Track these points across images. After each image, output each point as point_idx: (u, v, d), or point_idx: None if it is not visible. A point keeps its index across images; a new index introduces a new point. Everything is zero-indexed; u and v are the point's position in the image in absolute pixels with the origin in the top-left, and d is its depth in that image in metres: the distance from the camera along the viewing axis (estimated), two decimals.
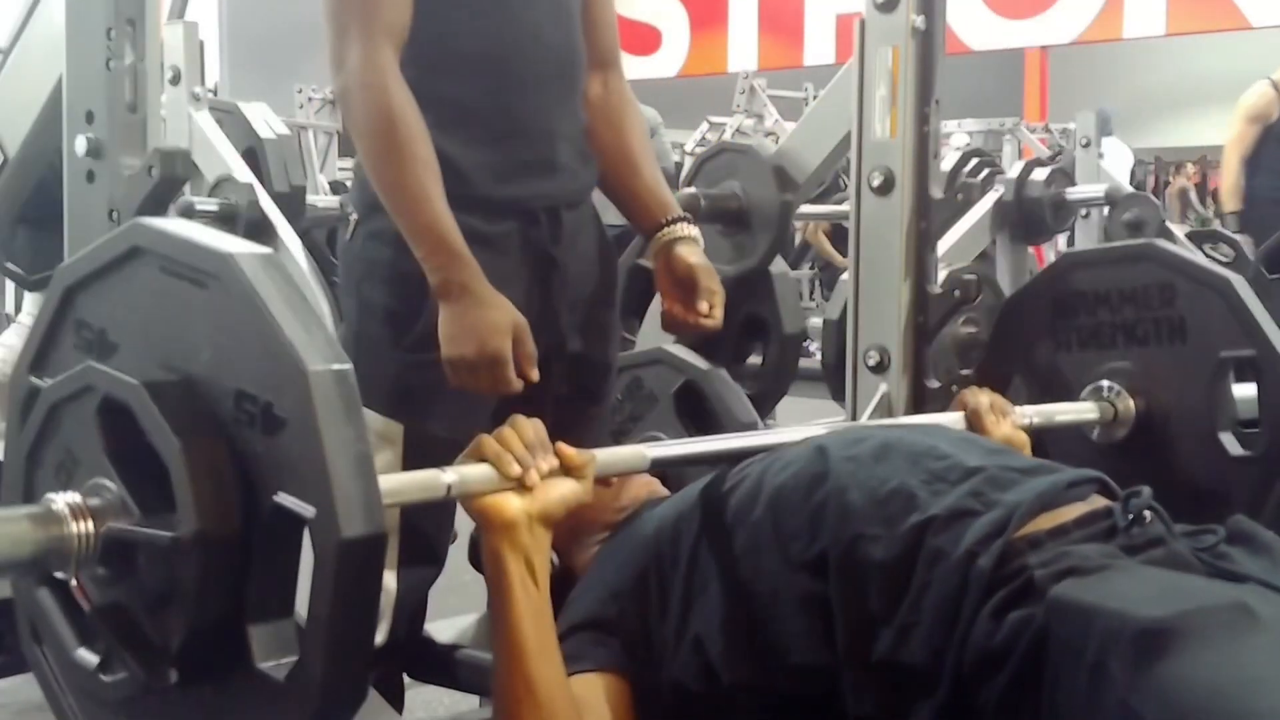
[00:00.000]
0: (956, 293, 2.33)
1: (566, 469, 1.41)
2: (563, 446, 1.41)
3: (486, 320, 1.69)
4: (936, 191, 2.27)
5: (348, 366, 1.04)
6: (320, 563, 1.01)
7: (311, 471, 1.01)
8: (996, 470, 1.42)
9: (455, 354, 1.70)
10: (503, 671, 1.37)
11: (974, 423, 1.84)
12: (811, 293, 8.47)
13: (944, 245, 3.10)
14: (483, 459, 1.37)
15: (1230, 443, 1.95)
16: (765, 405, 3.09)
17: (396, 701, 1.85)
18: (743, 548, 1.44)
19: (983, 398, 1.88)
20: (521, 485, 1.36)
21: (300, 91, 7.94)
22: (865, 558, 1.36)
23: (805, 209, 4.49)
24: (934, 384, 2.29)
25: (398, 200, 1.72)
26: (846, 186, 4.24)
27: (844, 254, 5.32)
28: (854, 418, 2.27)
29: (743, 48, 13.45)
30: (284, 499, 1.03)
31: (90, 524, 1.08)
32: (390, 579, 1.82)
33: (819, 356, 3.58)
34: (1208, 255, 4.89)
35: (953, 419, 1.85)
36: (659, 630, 1.46)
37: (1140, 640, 1.14)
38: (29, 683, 2.64)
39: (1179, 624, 1.14)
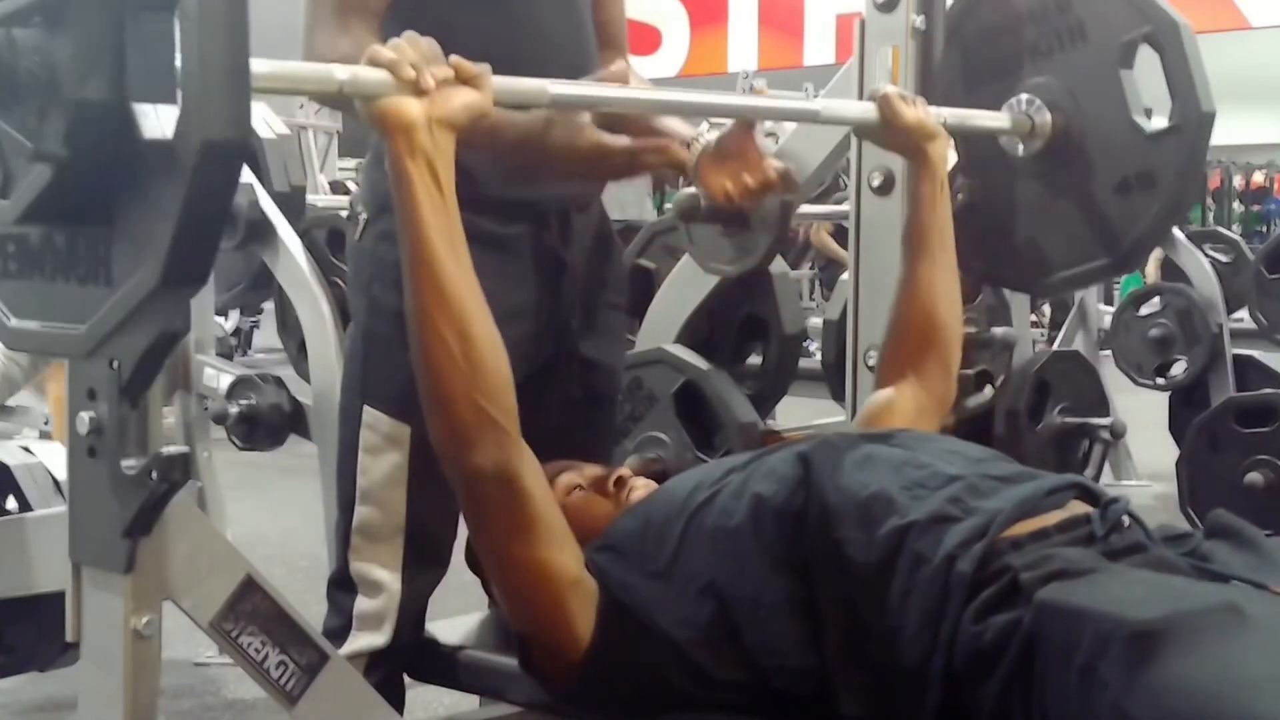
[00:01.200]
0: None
1: (462, 79, 1.40)
2: (457, 58, 1.41)
3: (553, 146, 1.69)
4: None
5: None
6: (185, 12, 1.03)
7: None
8: (976, 478, 1.43)
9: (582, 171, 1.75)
10: (411, 278, 1.39)
11: (884, 108, 1.85)
12: (811, 293, 8.46)
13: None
14: (376, 66, 1.36)
15: (1144, 123, 2.00)
16: (765, 405, 3.09)
17: (397, 702, 1.84)
18: (725, 552, 1.45)
19: (890, 86, 1.89)
20: (418, 90, 1.36)
21: None
22: (846, 561, 1.37)
23: (805, 209, 4.49)
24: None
25: None
26: (846, 186, 4.24)
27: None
28: (854, 418, 2.26)
29: (743, 47, 13.44)
30: None
31: None
32: (394, 581, 1.82)
33: (819, 356, 3.57)
34: (1208, 255, 4.90)
35: (862, 106, 1.89)
36: (644, 625, 1.46)
37: (1131, 642, 1.14)
38: (29, 683, 2.65)
39: (1169, 626, 1.15)
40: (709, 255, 2.83)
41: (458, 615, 1.99)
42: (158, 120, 1.07)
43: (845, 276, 2.65)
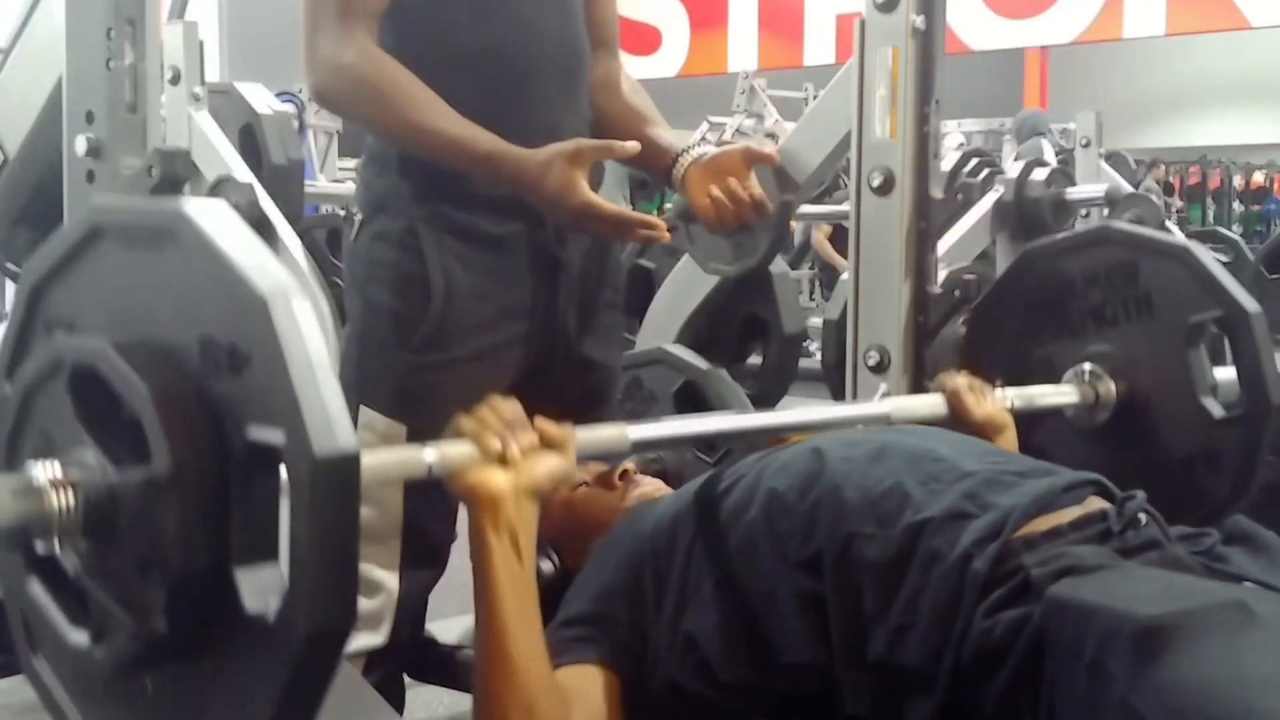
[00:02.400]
0: (956, 293, 2.33)
1: (546, 444, 1.39)
2: (541, 421, 1.40)
3: (549, 191, 1.69)
4: (936, 191, 2.27)
5: (306, 298, 1.04)
6: (296, 490, 1.00)
7: (280, 398, 1.00)
8: (992, 473, 1.42)
9: (566, 223, 1.73)
10: (482, 648, 1.36)
11: (954, 404, 1.83)
12: (811, 293, 8.47)
13: (944, 245, 3.10)
14: (461, 437, 1.36)
15: (1212, 405, 1.97)
16: (765, 405, 3.09)
17: (397, 702, 1.85)
18: (738, 547, 1.44)
19: (961, 379, 1.87)
20: (503, 460, 1.35)
21: (300, 91, 7.93)
22: (860, 556, 1.37)
23: (805, 209, 4.49)
24: (934, 384, 2.29)
25: (426, 148, 1.74)
26: (846, 186, 4.24)
27: (844, 255, 5.32)
28: None
29: (743, 48, 13.44)
30: (255, 431, 1.02)
31: (70, 493, 1.08)
32: (392, 580, 1.82)
33: (819, 356, 3.58)
34: None
35: (933, 401, 1.85)
36: (654, 628, 1.46)
37: (1139, 639, 1.14)
38: (29, 683, 2.64)
39: (1177, 623, 1.15)
40: (709, 255, 2.83)
41: (457, 615, 1.99)
42: (260, 588, 1.03)
43: (845, 276, 2.65)
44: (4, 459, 1.17)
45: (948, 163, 5.28)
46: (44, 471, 1.08)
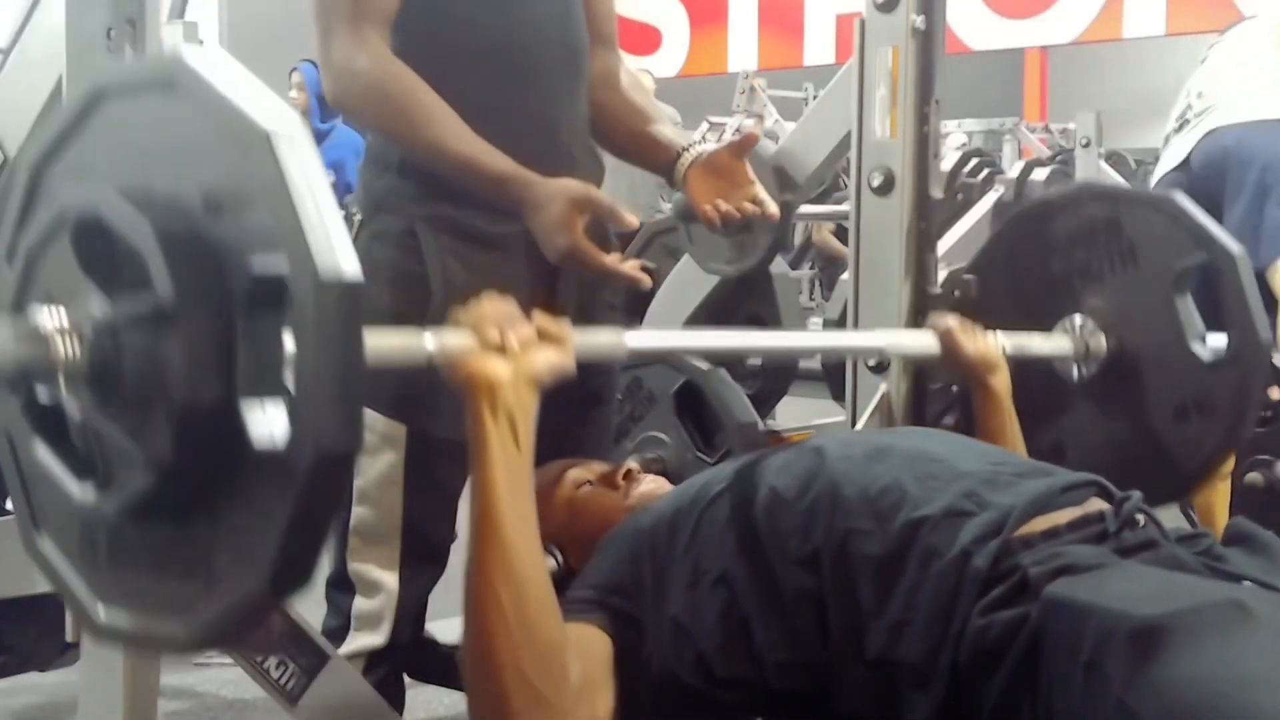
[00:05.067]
0: (956, 293, 2.33)
1: (545, 338, 1.41)
2: (540, 316, 1.41)
3: (545, 224, 1.70)
4: (936, 191, 2.27)
5: (304, 131, 1.05)
6: (301, 313, 1.01)
7: (282, 229, 1.01)
8: (991, 473, 1.43)
9: (553, 258, 1.73)
10: (478, 534, 1.36)
11: (946, 341, 1.86)
12: (811, 293, 8.46)
13: (944, 245, 3.10)
14: (460, 329, 1.37)
15: (1201, 350, 1.98)
16: (765, 405, 3.09)
17: (397, 702, 1.85)
18: (738, 544, 1.45)
19: (952, 318, 1.89)
20: (502, 350, 1.36)
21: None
22: (857, 552, 1.37)
23: (805, 209, 4.48)
24: (934, 384, 2.29)
25: (437, 161, 1.74)
26: (846, 186, 4.24)
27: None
28: (854, 418, 2.26)
29: (743, 48, 13.45)
30: (259, 262, 1.03)
31: (75, 338, 1.08)
32: (392, 580, 1.82)
33: (819, 356, 3.57)
34: None
35: (925, 339, 1.87)
36: (652, 621, 1.47)
37: (1135, 639, 1.14)
38: (30, 683, 2.64)
39: (1174, 622, 1.15)
40: (709, 255, 2.83)
41: (457, 615, 1.99)
42: (267, 422, 1.03)
43: (845, 276, 2.65)
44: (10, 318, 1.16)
45: (948, 163, 5.28)
46: (49, 317, 1.08)
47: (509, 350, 1.36)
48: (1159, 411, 2.02)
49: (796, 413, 3.78)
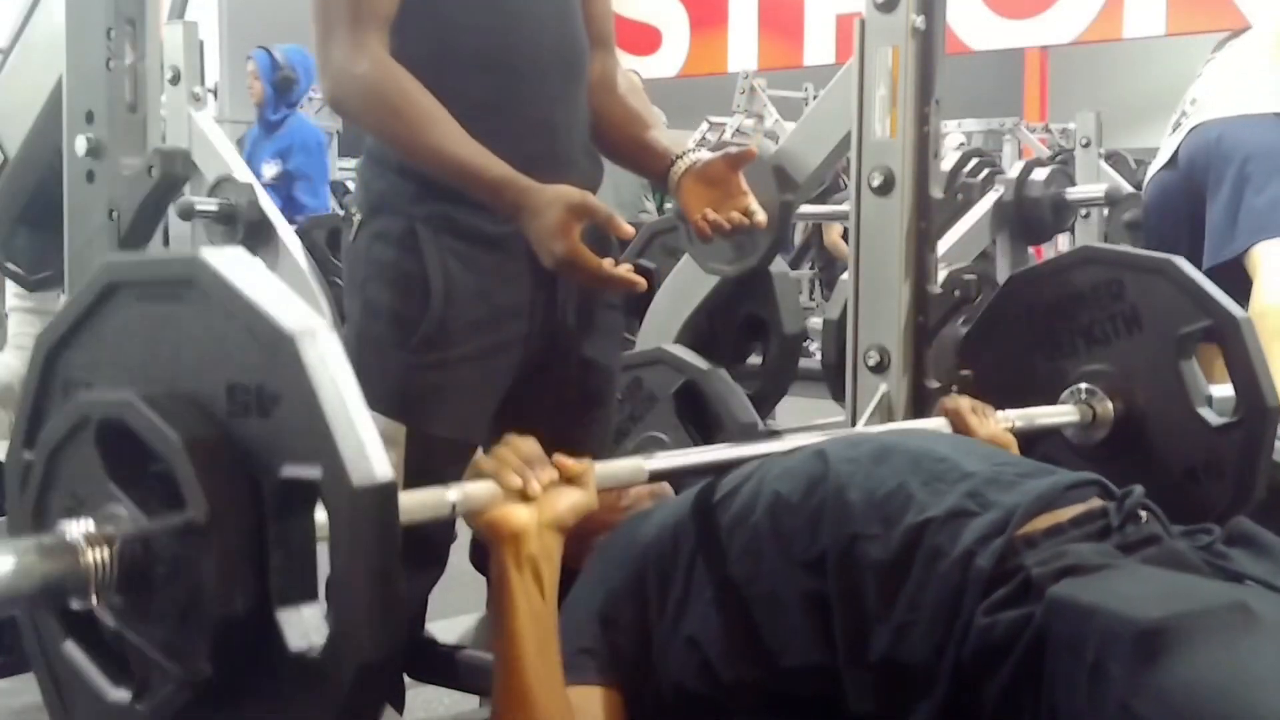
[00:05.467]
0: (956, 293, 2.33)
1: (566, 478, 1.40)
2: (560, 457, 1.41)
3: (541, 230, 1.69)
4: (936, 191, 2.27)
5: (332, 330, 1.04)
6: (336, 523, 1.00)
7: (313, 435, 1.00)
8: (994, 473, 1.43)
9: (548, 265, 1.72)
10: (501, 682, 1.36)
11: (957, 424, 1.84)
12: (811, 293, 8.47)
13: (944, 245, 3.10)
14: (482, 475, 1.36)
15: (1209, 414, 1.99)
16: (765, 405, 3.09)
17: (397, 702, 1.84)
18: (742, 550, 1.45)
19: (963, 400, 1.88)
20: (524, 496, 1.35)
21: None
22: (863, 556, 1.37)
23: (805, 209, 4.49)
24: (934, 384, 2.29)
25: (435, 166, 1.74)
26: (846, 186, 4.24)
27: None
28: (854, 418, 2.27)
29: (743, 48, 13.44)
30: (289, 469, 1.02)
31: (105, 549, 1.06)
32: None
33: (819, 356, 3.58)
34: None
35: (936, 424, 1.86)
36: (657, 630, 1.47)
37: (1140, 642, 1.14)
38: (29, 683, 2.64)
39: (1178, 625, 1.15)
40: (709, 255, 2.83)
41: (458, 615, 1.99)
42: (303, 627, 1.02)
43: (845, 276, 2.65)
44: (32, 523, 1.15)
45: (948, 163, 5.28)
46: (77, 528, 1.07)
47: (531, 495, 1.35)
48: (1168, 474, 2.01)
49: (796, 413, 3.79)
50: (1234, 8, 10.22)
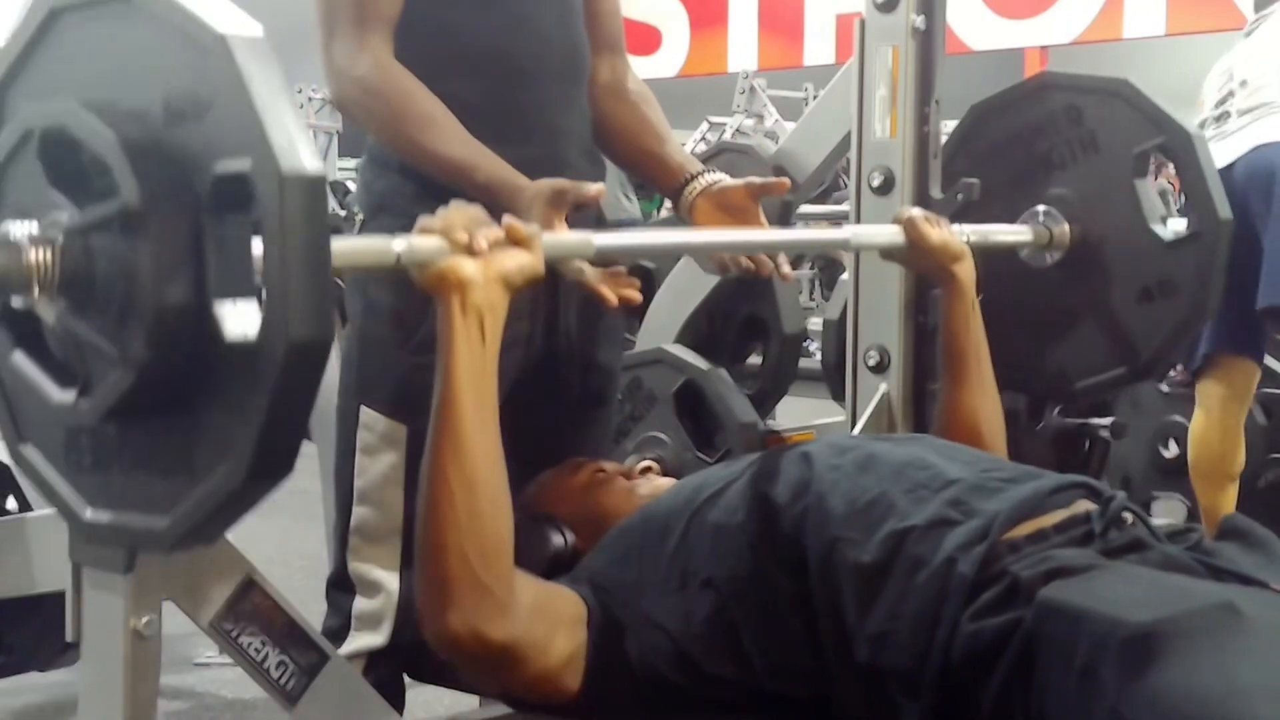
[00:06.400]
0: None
1: (513, 240, 1.42)
2: (508, 218, 1.43)
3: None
4: (936, 191, 2.27)
5: (263, 36, 1.08)
6: (266, 210, 1.03)
7: (244, 129, 1.03)
8: (978, 479, 1.43)
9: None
10: (434, 424, 1.38)
11: (910, 231, 1.90)
12: (811, 293, 8.47)
13: None
14: (428, 233, 1.38)
15: (1163, 231, 2.02)
16: (765, 405, 3.09)
17: (397, 702, 1.85)
18: (728, 549, 1.45)
19: (915, 210, 1.94)
20: (470, 251, 1.38)
21: (300, 91, 7.93)
22: (844, 561, 1.38)
23: (805, 209, 4.48)
24: (934, 384, 2.29)
25: (432, 169, 1.74)
26: (846, 186, 4.24)
27: None
28: (854, 418, 2.26)
29: (743, 48, 13.43)
30: (222, 165, 1.05)
31: (48, 249, 1.11)
32: (392, 581, 1.82)
33: (819, 356, 3.57)
34: None
35: (891, 230, 1.92)
36: (631, 621, 1.47)
37: (1129, 646, 1.15)
38: (29, 683, 2.64)
39: (1166, 628, 1.15)
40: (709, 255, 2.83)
41: None
42: (239, 319, 1.06)
43: (845, 276, 2.65)
44: None
45: None
46: (20, 229, 1.11)
47: (478, 251, 1.38)
48: (1124, 295, 2.09)
49: (796, 413, 3.78)
50: (1234, 8, 10.22)
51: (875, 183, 2.29)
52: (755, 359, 3.19)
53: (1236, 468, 3.18)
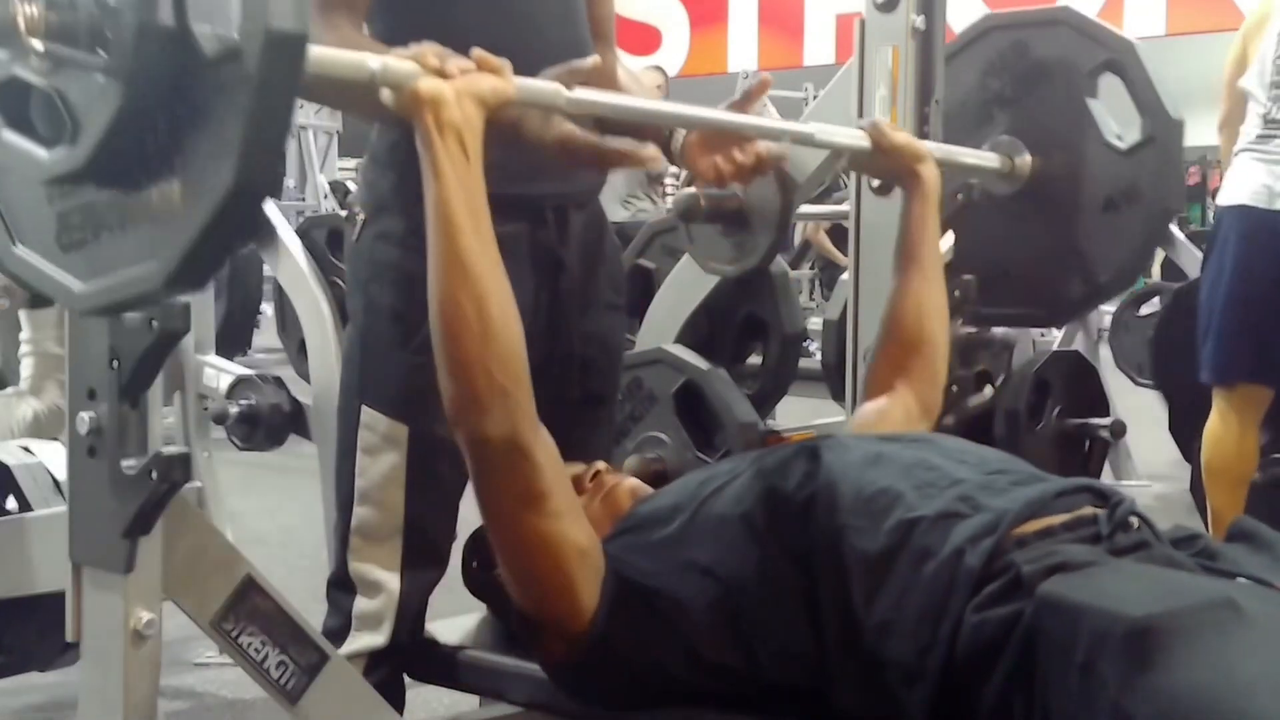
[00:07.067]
0: (956, 293, 2.33)
1: (483, 68, 1.45)
2: (478, 51, 1.46)
3: (526, 138, 1.66)
4: None
5: None
6: None
7: None
8: (985, 480, 1.44)
9: (549, 156, 1.70)
10: (433, 247, 1.41)
11: (873, 133, 1.91)
12: (811, 293, 8.47)
13: (944, 245, 3.09)
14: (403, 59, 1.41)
15: (1118, 141, 2.07)
16: (765, 405, 3.09)
17: (397, 702, 1.85)
18: (732, 539, 1.46)
19: (879, 117, 1.98)
20: (442, 74, 1.41)
21: None
22: (850, 549, 1.38)
23: (805, 209, 4.48)
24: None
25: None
26: (846, 186, 4.23)
27: (843, 252, 5.32)
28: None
29: (743, 48, 13.44)
30: None
31: (35, 4, 1.13)
32: (393, 581, 1.82)
33: (819, 356, 3.57)
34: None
35: (853, 131, 1.92)
36: (638, 613, 1.47)
37: (1129, 640, 1.15)
38: (29, 683, 2.64)
39: (1168, 623, 1.15)
40: (709, 255, 2.83)
41: (458, 615, 1.99)
42: (217, 40, 1.09)
43: (845, 276, 2.65)
44: None
45: None
46: None
47: (450, 74, 1.42)
48: (1090, 210, 2.16)
49: (796, 413, 3.78)
50: (1234, 7, 10.22)
51: (875, 183, 2.29)
52: (755, 359, 3.19)
53: (1250, 470, 3.19)
